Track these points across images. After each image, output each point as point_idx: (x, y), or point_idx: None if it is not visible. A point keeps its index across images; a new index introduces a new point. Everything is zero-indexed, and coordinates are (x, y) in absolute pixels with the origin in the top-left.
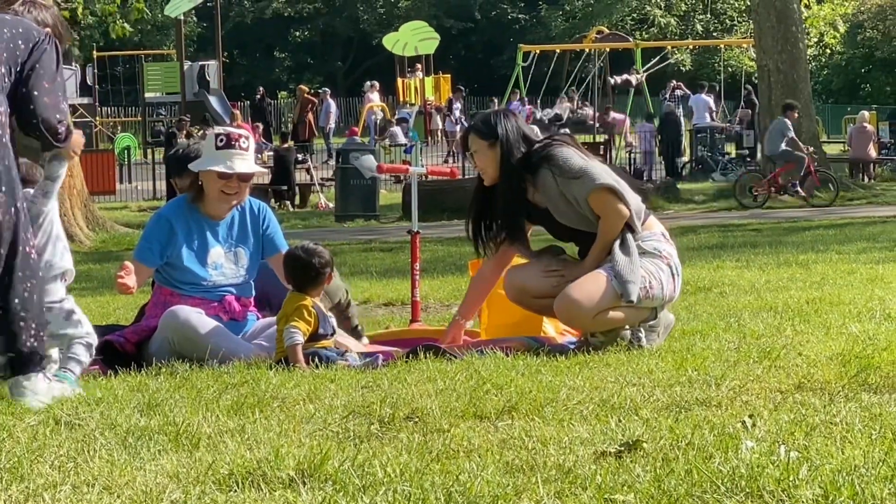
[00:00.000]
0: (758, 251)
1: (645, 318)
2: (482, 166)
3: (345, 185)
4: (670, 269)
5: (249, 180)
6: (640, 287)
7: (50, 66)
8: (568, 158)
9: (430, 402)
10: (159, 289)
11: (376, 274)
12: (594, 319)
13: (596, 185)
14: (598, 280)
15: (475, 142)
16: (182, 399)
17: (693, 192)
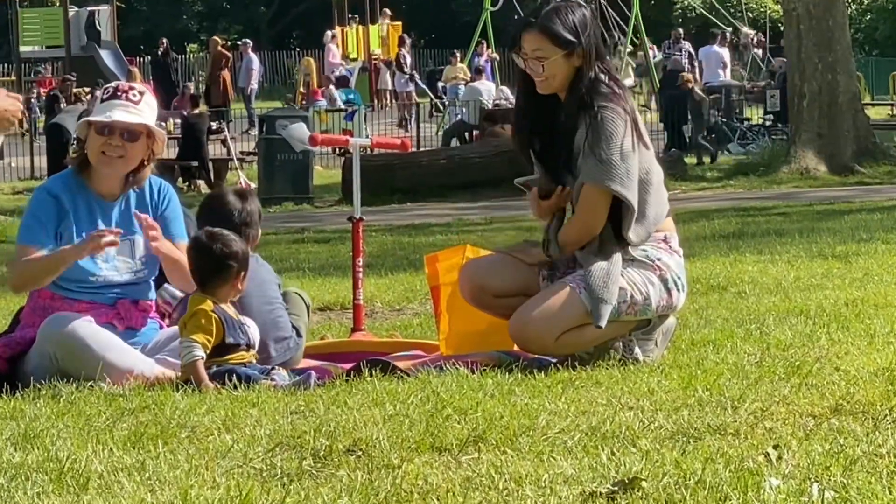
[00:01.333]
0: (785, 241)
1: (632, 329)
2: (551, 76)
3: (270, 160)
4: (664, 282)
5: (137, 139)
6: (621, 302)
7: None
8: (614, 133)
9: (377, 432)
10: (37, 291)
11: (309, 271)
12: (557, 342)
13: (604, 184)
14: (562, 293)
15: (545, 46)
16: (67, 429)
17: (704, 167)
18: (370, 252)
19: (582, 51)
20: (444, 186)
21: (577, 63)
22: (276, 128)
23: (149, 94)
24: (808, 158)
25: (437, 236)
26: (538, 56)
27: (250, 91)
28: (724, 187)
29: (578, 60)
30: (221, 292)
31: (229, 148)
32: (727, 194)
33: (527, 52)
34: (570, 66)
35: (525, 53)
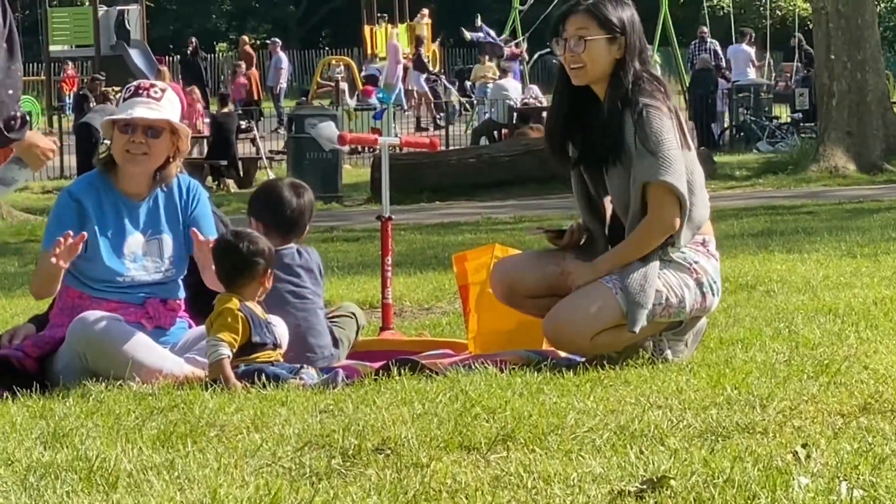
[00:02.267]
0: (814, 239)
1: (663, 329)
2: (590, 59)
3: (299, 159)
4: (699, 285)
5: (160, 136)
6: (656, 304)
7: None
8: (664, 129)
9: (406, 431)
10: (66, 290)
11: (338, 270)
12: (592, 342)
13: (665, 181)
14: (598, 293)
15: (591, 27)
16: (96, 428)
17: (733, 165)
18: (399, 251)
19: (624, 42)
20: (473, 185)
21: (617, 54)
22: (305, 127)
23: (171, 91)
24: (837, 157)
25: (465, 235)
26: (581, 34)
27: (279, 90)
28: (752, 186)
29: (619, 52)
30: (248, 291)
31: (258, 147)
32: (756, 193)
33: (570, 33)
34: (610, 55)
35: (566, 34)
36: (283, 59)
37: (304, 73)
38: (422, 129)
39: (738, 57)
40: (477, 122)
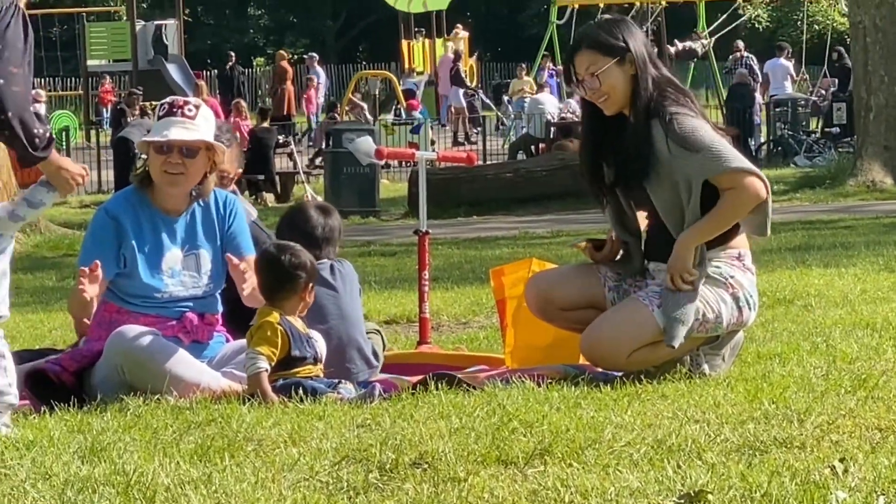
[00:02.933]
0: (851, 253)
1: (701, 344)
2: (609, 88)
3: (336, 173)
4: (735, 300)
5: (196, 155)
6: (693, 320)
7: (16, 45)
8: (696, 127)
9: (443, 445)
10: (103, 304)
11: (376, 284)
12: (629, 359)
13: (731, 166)
14: (635, 311)
15: (597, 59)
16: (134, 442)
17: (771, 179)
18: (436, 265)
19: (632, 56)
20: (510, 199)
21: (630, 71)
22: (342, 141)
23: (205, 108)
24: (875, 171)
25: (503, 249)
26: (592, 72)
27: (316, 105)
28: (790, 200)
29: (632, 68)
30: (289, 305)
31: (296, 161)
32: (793, 207)
33: (581, 73)
34: (625, 75)
35: (580, 76)
36: (320, 74)
37: (341, 87)
38: (459, 143)
39: (776, 71)
40: (514, 136)
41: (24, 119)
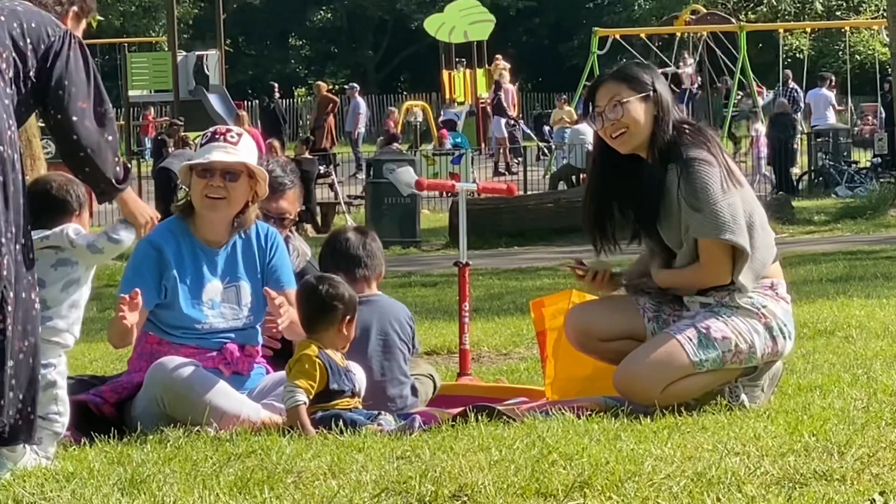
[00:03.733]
0: (893, 284)
1: (739, 376)
2: (630, 121)
3: (377, 204)
4: (769, 330)
5: (238, 179)
6: (726, 350)
7: (80, 78)
8: (708, 183)
9: (483, 477)
10: (144, 336)
11: (416, 315)
12: (663, 394)
13: (718, 237)
14: (667, 346)
15: (623, 91)
16: (174, 474)
17: (811, 210)
18: (477, 296)
19: (658, 97)
20: (551, 230)
21: (653, 111)
22: (383, 172)
23: (247, 136)
24: None
25: (543, 280)
26: (616, 100)
27: (357, 135)
28: (831, 231)
29: (655, 108)
30: (327, 336)
31: (337, 192)
32: (834, 238)
33: (602, 104)
34: (648, 113)
35: (600, 107)
36: (361, 104)
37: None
38: (500, 173)
39: (818, 101)
40: (555, 166)
41: (101, 154)
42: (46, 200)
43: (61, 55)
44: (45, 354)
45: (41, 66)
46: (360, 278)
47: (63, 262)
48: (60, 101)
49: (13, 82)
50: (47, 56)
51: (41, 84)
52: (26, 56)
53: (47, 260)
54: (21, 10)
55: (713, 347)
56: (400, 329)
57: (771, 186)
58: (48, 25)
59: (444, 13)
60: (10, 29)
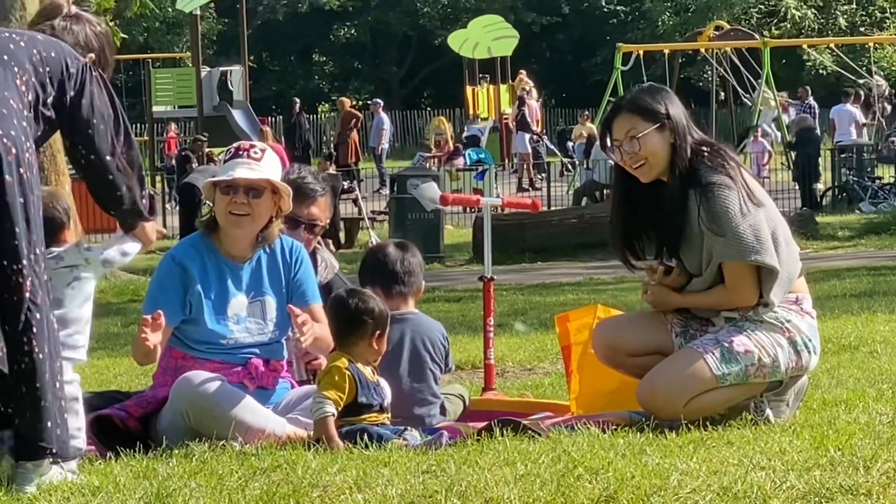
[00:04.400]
0: None
1: (764, 390)
2: (648, 153)
3: (401, 219)
4: (793, 345)
5: (261, 196)
6: (749, 364)
7: (108, 113)
8: (728, 207)
9: (508, 491)
10: (169, 351)
11: None
12: (686, 408)
13: (744, 260)
14: (690, 360)
15: (638, 124)
16: (199, 488)
17: (835, 225)
18: (501, 311)
19: (672, 124)
20: (575, 245)
21: (670, 139)
22: (406, 187)
23: (271, 152)
24: None
25: (567, 295)
26: (632, 135)
27: (381, 151)
28: (855, 246)
29: (671, 136)
30: (357, 350)
31: (360, 207)
32: (858, 253)
33: (619, 137)
34: (665, 142)
35: (618, 141)
36: (384, 120)
37: (406, 133)
38: (523, 189)
39: (842, 117)
40: (579, 182)
41: (133, 189)
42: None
43: (84, 92)
44: (67, 371)
45: (59, 96)
46: (395, 294)
47: (78, 280)
48: (91, 141)
49: (32, 106)
50: (65, 87)
51: (64, 119)
52: (45, 84)
53: (63, 279)
54: (41, 38)
55: (736, 361)
56: (433, 348)
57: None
58: (67, 56)
59: (468, 29)
60: (30, 55)
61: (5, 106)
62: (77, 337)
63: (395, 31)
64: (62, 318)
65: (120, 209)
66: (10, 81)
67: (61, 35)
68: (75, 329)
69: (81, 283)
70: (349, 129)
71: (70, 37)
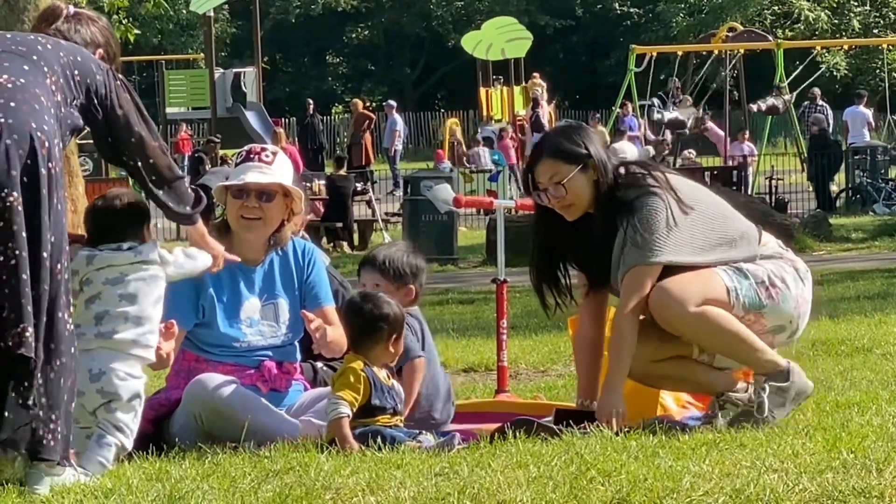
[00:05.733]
0: None
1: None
2: (574, 196)
3: (415, 221)
4: (797, 272)
5: (273, 199)
6: (759, 282)
7: (143, 117)
8: (650, 217)
9: (521, 493)
10: (182, 353)
11: (454, 332)
12: (695, 313)
13: (645, 261)
14: (704, 271)
15: (562, 168)
16: (212, 490)
17: (849, 227)
18: (514, 313)
19: (594, 162)
20: None
21: (593, 177)
22: (420, 189)
23: (282, 154)
24: None
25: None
26: (557, 181)
27: (394, 152)
28: (868, 248)
29: (594, 174)
30: (372, 354)
31: (374, 209)
32: (872, 255)
33: (543, 182)
34: (588, 181)
35: (542, 185)
36: (398, 122)
37: (420, 135)
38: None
39: (855, 118)
40: None
41: (178, 184)
42: (119, 212)
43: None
44: (135, 368)
45: (88, 103)
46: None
47: (154, 279)
48: (140, 148)
49: (61, 106)
50: (94, 94)
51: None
52: (71, 86)
53: (140, 274)
54: (65, 43)
55: (746, 278)
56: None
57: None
58: (91, 62)
59: (482, 31)
60: (58, 58)
61: (37, 101)
62: (150, 337)
63: (409, 33)
64: (137, 316)
65: (170, 210)
66: (41, 80)
67: (72, 38)
68: (149, 328)
69: (156, 281)
70: (362, 131)
71: (79, 37)
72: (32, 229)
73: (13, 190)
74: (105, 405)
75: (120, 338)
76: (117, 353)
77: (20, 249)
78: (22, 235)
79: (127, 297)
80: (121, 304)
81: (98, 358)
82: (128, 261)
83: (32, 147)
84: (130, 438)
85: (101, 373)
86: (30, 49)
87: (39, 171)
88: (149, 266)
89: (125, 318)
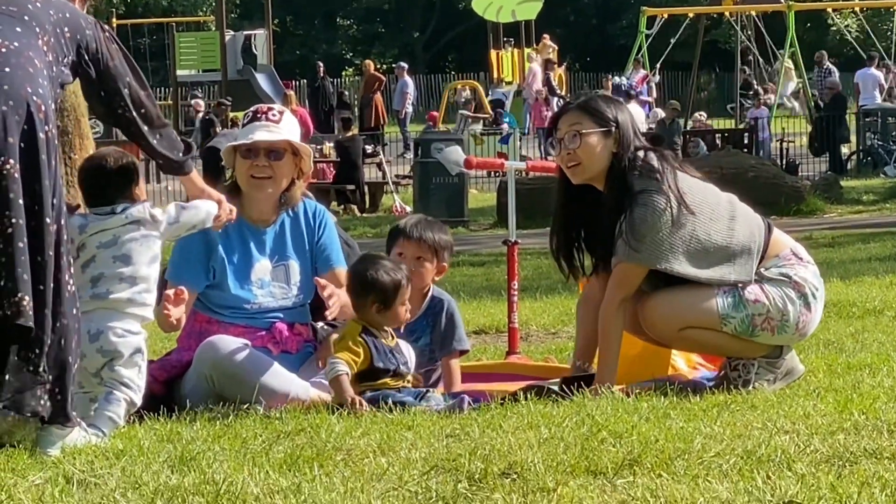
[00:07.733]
0: None
1: (762, 354)
2: (585, 154)
3: (425, 183)
4: (803, 297)
5: (282, 158)
6: (756, 314)
7: (131, 67)
8: (645, 216)
9: (532, 455)
10: (193, 314)
11: (465, 294)
12: (680, 334)
13: (633, 260)
14: (700, 291)
15: (585, 122)
16: (223, 451)
17: (860, 189)
18: (525, 275)
19: (619, 134)
20: None
21: (613, 148)
22: (431, 151)
23: (289, 113)
24: None
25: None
26: (576, 129)
27: (404, 114)
28: (879, 210)
29: (614, 145)
30: (370, 317)
31: (384, 171)
32: (883, 217)
33: (563, 130)
34: (606, 149)
35: (561, 134)
36: (408, 84)
37: (430, 97)
38: (547, 153)
39: (866, 81)
40: None
41: (168, 136)
42: (109, 174)
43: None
44: (133, 325)
45: (79, 59)
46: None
47: (147, 238)
48: (133, 97)
49: (52, 66)
50: (81, 50)
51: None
52: (62, 43)
53: (133, 235)
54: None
55: (744, 308)
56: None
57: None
58: (80, 17)
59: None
60: (48, 16)
61: (31, 64)
62: (146, 295)
63: None
64: (132, 276)
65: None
66: (34, 41)
67: None
68: (144, 287)
69: (149, 240)
70: (373, 92)
71: None
72: (33, 195)
73: (10, 157)
74: (108, 364)
75: (115, 297)
76: (113, 312)
77: (17, 217)
78: (19, 203)
79: (121, 258)
80: (115, 265)
81: (95, 318)
82: (119, 223)
83: (29, 112)
84: (138, 394)
85: (99, 332)
86: (20, 9)
87: (38, 135)
88: (141, 226)
89: (120, 279)
